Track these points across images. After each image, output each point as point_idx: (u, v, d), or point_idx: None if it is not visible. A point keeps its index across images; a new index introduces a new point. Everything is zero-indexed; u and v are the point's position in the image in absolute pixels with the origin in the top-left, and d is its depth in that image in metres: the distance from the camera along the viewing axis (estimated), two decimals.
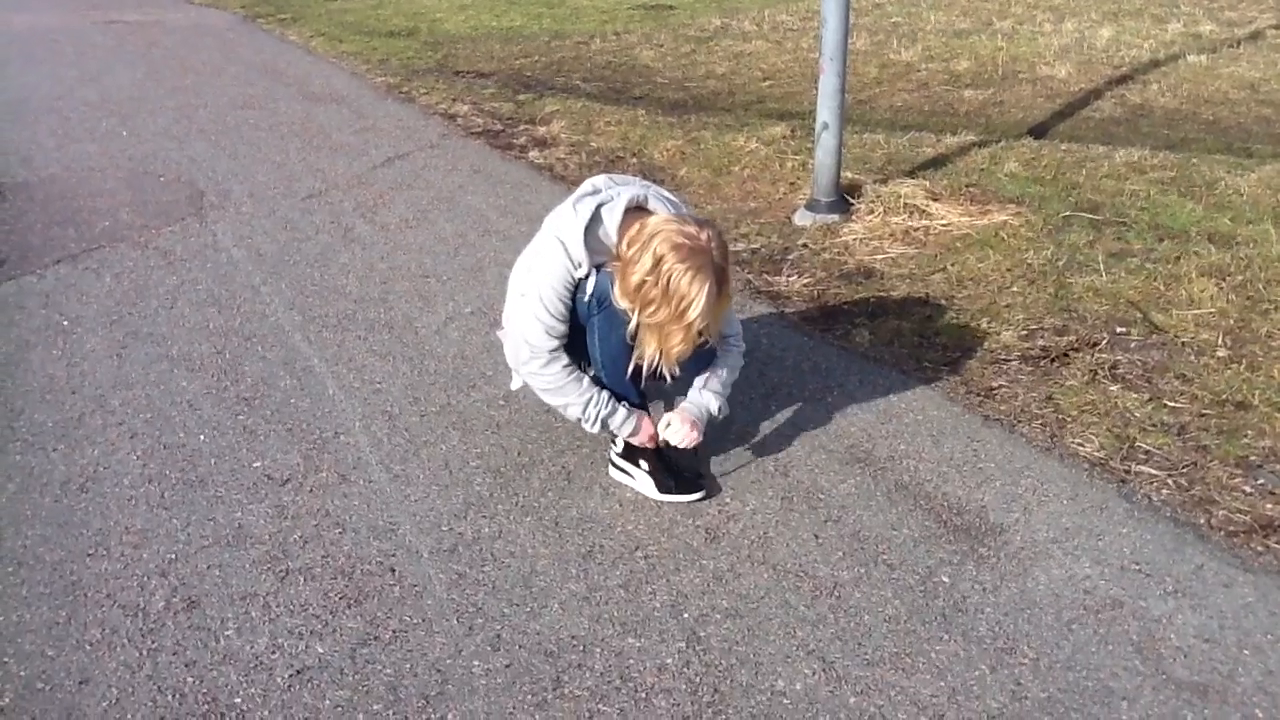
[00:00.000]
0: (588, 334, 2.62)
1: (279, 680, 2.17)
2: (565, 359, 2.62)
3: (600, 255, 2.51)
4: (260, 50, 9.72)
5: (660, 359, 2.48)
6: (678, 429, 2.63)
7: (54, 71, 8.62)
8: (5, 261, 4.46)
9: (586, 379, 2.66)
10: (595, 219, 2.49)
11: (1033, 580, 2.42)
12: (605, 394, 2.67)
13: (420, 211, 5.06)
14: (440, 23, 11.15)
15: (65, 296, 4.10)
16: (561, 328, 2.57)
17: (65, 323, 3.86)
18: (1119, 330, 3.55)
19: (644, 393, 2.76)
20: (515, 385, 2.86)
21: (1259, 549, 2.50)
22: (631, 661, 2.21)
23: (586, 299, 2.54)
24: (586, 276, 2.52)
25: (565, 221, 2.52)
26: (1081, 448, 2.94)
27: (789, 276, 4.19)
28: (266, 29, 10.96)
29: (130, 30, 10.89)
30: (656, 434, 2.69)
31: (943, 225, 4.52)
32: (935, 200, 4.71)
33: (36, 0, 13.29)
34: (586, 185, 2.63)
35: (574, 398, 2.64)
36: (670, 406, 3.16)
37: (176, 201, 5.28)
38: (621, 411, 2.68)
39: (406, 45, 9.68)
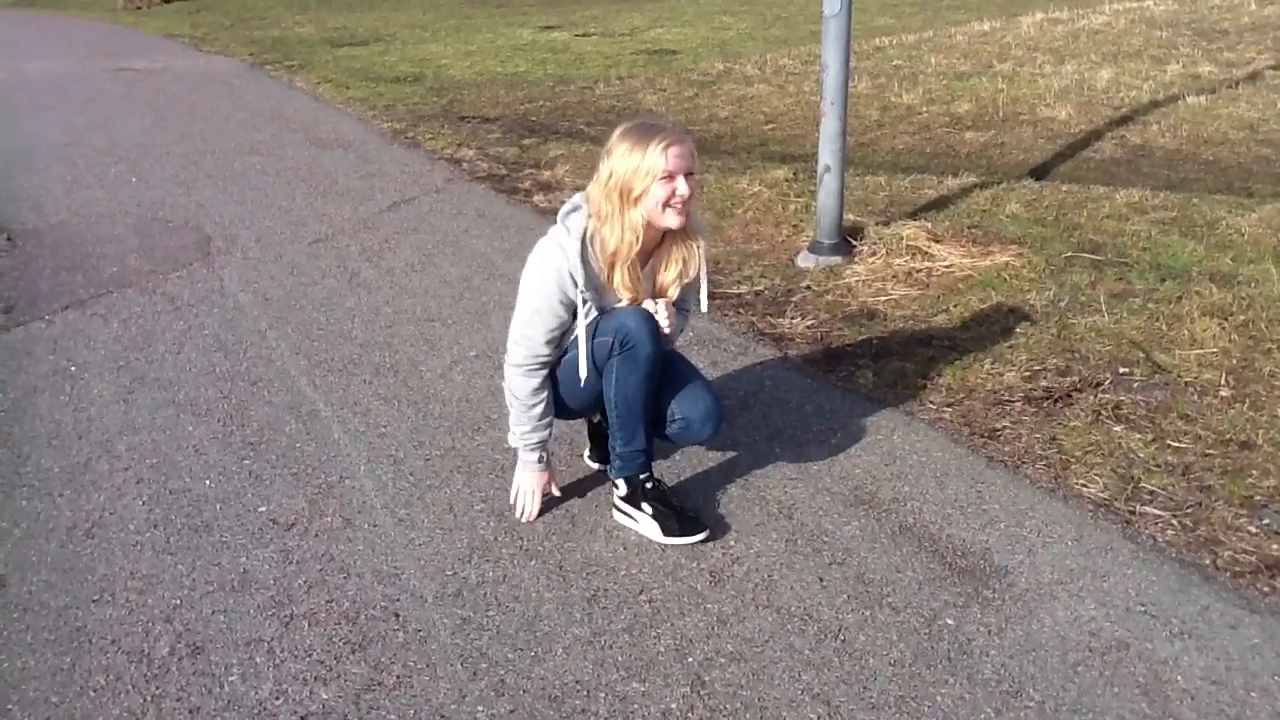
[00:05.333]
0: (604, 377, 2.66)
1: None
2: (538, 381, 2.69)
3: (594, 265, 2.60)
4: (267, 96, 9.84)
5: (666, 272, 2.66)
6: (660, 309, 2.68)
7: (64, 118, 8.73)
8: (14, 307, 4.50)
9: (541, 408, 2.74)
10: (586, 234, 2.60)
11: (1038, 622, 2.41)
12: (532, 427, 2.76)
13: (425, 256, 5.10)
14: (446, 69, 11.29)
15: (73, 342, 4.13)
16: (544, 350, 2.64)
17: (73, 368, 3.89)
18: (1122, 371, 3.56)
19: (650, 438, 2.77)
20: None
21: (1265, 589, 2.49)
22: (636, 706, 2.20)
23: (609, 339, 2.59)
24: (587, 305, 2.56)
25: (558, 235, 2.61)
26: (1086, 489, 2.94)
27: (792, 319, 4.20)
28: (274, 75, 11.10)
29: (139, 77, 11.02)
30: (547, 489, 2.88)
31: (945, 266, 4.54)
32: (937, 242, 4.73)
33: (48, 48, 13.48)
34: (568, 205, 2.68)
35: (519, 415, 2.76)
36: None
37: (184, 247, 5.33)
38: (532, 448, 2.79)
39: (412, 91, 9.79)
